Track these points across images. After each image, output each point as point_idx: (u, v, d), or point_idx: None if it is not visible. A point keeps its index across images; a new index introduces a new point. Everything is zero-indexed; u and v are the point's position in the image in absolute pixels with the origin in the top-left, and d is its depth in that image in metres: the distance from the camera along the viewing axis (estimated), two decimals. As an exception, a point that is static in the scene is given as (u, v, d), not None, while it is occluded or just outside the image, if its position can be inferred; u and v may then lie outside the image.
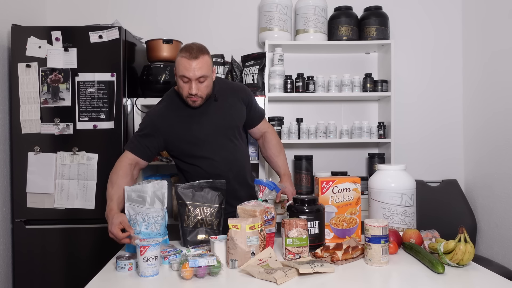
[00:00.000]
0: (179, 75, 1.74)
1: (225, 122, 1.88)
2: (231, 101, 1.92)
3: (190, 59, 1.69)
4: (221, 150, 1.86)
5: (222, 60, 2.78)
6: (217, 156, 1.85)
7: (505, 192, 2.57)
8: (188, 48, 1.72)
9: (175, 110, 1.85)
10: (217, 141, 1.86)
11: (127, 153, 1.82)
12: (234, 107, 1.92)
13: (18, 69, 2.36)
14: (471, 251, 1.37)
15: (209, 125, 1.85)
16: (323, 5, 2.83)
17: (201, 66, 1.70)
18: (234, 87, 2.00)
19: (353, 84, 2.84)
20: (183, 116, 1.84)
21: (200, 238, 1.65)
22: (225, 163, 1.85)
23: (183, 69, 1.70)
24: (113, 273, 1.40)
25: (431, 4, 3.09)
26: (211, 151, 1.85)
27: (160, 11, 3.04)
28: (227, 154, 1.87)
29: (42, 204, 2.35)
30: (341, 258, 1.45)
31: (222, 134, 1.87)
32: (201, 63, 1.70)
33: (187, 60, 1.69)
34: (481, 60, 2.84)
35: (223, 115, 1.88)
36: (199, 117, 1.84)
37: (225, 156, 1.86)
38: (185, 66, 1.69)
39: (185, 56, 1.70)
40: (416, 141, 3.09)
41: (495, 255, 2.68)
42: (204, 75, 1.72)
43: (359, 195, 1.72)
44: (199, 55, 1.70)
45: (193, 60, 1.69)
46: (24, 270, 2.36)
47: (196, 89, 1.73)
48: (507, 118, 2.54)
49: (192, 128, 1.83)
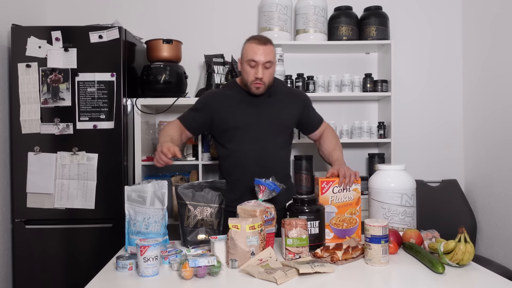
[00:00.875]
0: (246, 60, 1.85)
1: (270, 118, 1.94)
2: (284, 102, 1.99)
3: (259, 44, 1.83)
4: (255, 143, 1.91)
5: (222, 60, 2.78)
6: (248, 147, 1.90)
7: (505, 192, 2.57)
8: (257, 36, 1.89)
9: (228, 95, 1.97)
10: (255, 133, 1.91)
11: (176, 120, 2.00)
12: (286, 108, 1.99)
13: (18, 69, 2.36)
14: (471, 251, 1.37)
15: (254, 117, 1.92)
16: (323, 5, 2.83)
17: (268, 52, 1.83)
18: (291, 90, 2.12)
19: (353, 84, 2.84)
20: (233, 101, 1.95)
21: (200, 238, 1.65)
22: (254, 156, 1.88)
23: (252, 53, 1.83)
24: (113, 273, 1.40)
25: (431, 4, 3.09)
26: (246, 140, 1.91)
27: (160, 11, 3.04)
28: (259, 148, 1.91)
29: (42, 204, 2.35)
30: (341, 258, 1.45)
31: (262, 129, 1.92)
32: (268, 49, 1.84)
33: (256, 45, 1.83)
34: (480, 60, 2.84)
35: (271, 112, 1.95)
36: (247, 106, 1.93)
37: (255, 149, 1.90)
38: (254, 51, 1.82)
39: (254, 42, 1.84)
40: (416, 141, 3.09)
41: (495, 255, 2.68)
42: (271, 61, 1.85)
43: (359, 195, 1.72)
44: (267, 43, 1.85)
45: (262, 45, 1.83)
46: (24, 270, 2.36)
47: (262, 73, 1.83)
48: (507, 118, 2.54)
49: (236, 114, 1.92)
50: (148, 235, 1.57)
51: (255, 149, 1.90)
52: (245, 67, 1.87)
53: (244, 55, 1.88)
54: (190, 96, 2.88)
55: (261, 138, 1.93)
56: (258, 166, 1.89)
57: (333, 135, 2.11)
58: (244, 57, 1.87)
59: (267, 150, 1.93)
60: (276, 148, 1.97)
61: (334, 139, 2.08)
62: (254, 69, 1.85)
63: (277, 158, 1.98)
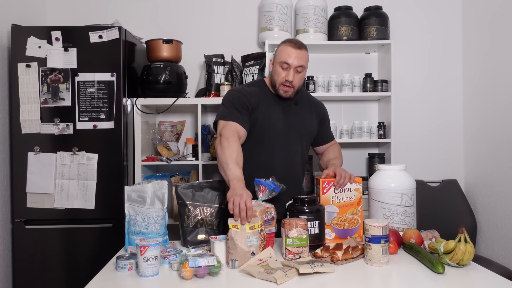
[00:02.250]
0: (279, 61, 1.83)
1: (298, 126, 1.93)
2: (308, 111, 1.99)
3: (294, 48, 1.81)
4: (285, 149, 1.89)
5: (222, 60, 2.78)
6: (278, 153, 1.88)
7: (505, 192, 2.57)
8: (293, 40, 1.87)
9: (264, 93, 1.91)
10: (285, 140, 1.90)
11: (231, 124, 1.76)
12: (309, 117, 1.99)
13: (18, 69, 2.36)
14: (471, 251, 1.37)
15: (284, 123, 1.90)
16: (323, 5, 2.83)
17: (302, 57, 1.82)
18: (314, 100, 2.10)
19: (353, 84, 2.84)
20: (268, 103, 1.90)
21: (200, 238, 1.65)
22: (282, 162, 1.87)
23: (286, 55, 1.81)
24: (113, 273, 1.40)
25: (431, 4, 3.09)
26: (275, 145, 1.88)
27: (160, 11, 3.04)
28: (288, 155, 1.90)
29: (42, 204, 2.35)
30: (341, 258, 1.45)
31: (290, 136, 1.91)
32: (302, 54, 1.83)
33: (291, 48, 1.81)
34: (481, 59, 2.84)
35: (297, 119, 1.94)
36: (280, 110, 1.91)
37: (284, 156, 1.89)
38: (288, 53, 1.81)
39: (289, 45, 1.83)
40: (416, 141, 3.09)
41: (495, 255, 2.68)
42: (303, 65, 1.84)
43: (361, 195, 1.72)
44: (302, 47, 1.84)
45: (297, 49, 1.82)
46: (24, 270, 2.36)
47: (293, 77, 1.82)
48: (507, 118, 2.54)
49: (271, 118, 1.88)
50: (148, 235, 1.57)
51: (283, 155, 1.89)
52: (277, 68, 1.85)
53: (277, 57, 1.86)
54: (190, 96, 2.88)
55: (289, 146, 1.90)
56: (286, 172, 1.86)
57: (338, 150, 2.09)
58: (277, 59, 1.85)
59: (293, 159, 1.92)
60: (299, 156, 1.96)
61: (338, 153, 2.07)
62: (285, 71, 1.83)
63: (300, 166, 1.98)
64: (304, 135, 1.96)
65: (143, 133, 2.63)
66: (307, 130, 1.98)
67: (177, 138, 2.89)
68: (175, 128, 2.88)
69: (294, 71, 1.82)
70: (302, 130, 1.95)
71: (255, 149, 1.87)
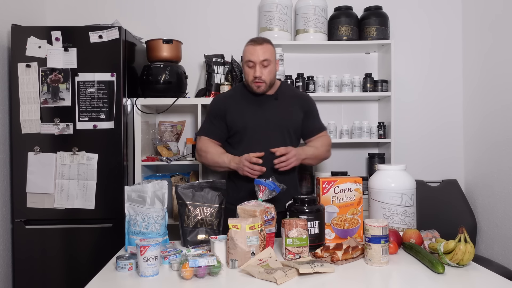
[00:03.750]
0: (245, 61, 1.93)
1: (277, 119, 1.98)
2: (290, 104, 2.03)
3: (255, 45, 1.91)
4: (264, 143, 1.93)
5: (222, 60, 2.78)
6: (258, 147, 1.91)
7: (505, 192, 2.57)
8: (253, 38, 1.96)
9: (237, 97, 2.03)
10: (263, 134, 1.95)
11: (203, 138, 2.02)
12: (291, 110, 2.03)
13: (18, 69, 2.35)
14: (471, 251, 1.37)
15: (261, 117, 1.97)
16: (323, 5, 2.83)
17: (264, 51, 1.90)
18: (297, 93, 2.15)
19: (353, 84, 2.84)
20: (242, 103, 2.00)
21: (200, 238, 1.65)
22: (266, 157, 1.87)
23: (249, 54, 1.91)
24: (113, 273, 1.40)
25: (431, 4, 3.09)
26: (255, 141, 1.95)
27: (160, 11, 3.04)
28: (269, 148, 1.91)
29: (42, 204, 2.35)
30: (341, 258, 1.45)
31: (270, 129, 1.97)
32: (264, 48, 1.90)
33: (252, 46, 1.91)
34: (481, 60, 2.84)
35: (277, 113, 1.99)
36: (256, 108, 1.99)
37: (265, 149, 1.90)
38: (250, 51, 1.90)
39: (250, 44, 1.93)
40: (416, 141, 3.09)
41: (495, 255, 2.68)
42: (267, 59, 1.90)
43: (361, 195, 1.71)
44: (263, 43, 1.92)
45: (258, 45, 1.90)
46: (24, 270, 2.36)
47: (260, 72, 1.89)
48: (507, 118, 2.54)
49: (245, 115, 1.97)
50: (148, 235, 1.57)
51: (264, 149, 1.91)
52: (245, 69, 1.95)
53: (243, 58, 1.96)
54: (190, 96, 2.88)
55: (270, 138, 1.95)
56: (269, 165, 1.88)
57: (322, 141, 2.08)
58: (244, 60, 1.95)
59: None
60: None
61: (319, 143, 2.06)
62: (252, 69, 1.92)
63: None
64: (285, 128, 2.00)
65: (143, 133, 2.63)
66: (289, 123, 2.01)
67: (177, 138, 2.89)
68: (175, 128, 2.88)
69: (260, 67, 1.89)
70: (282, 122, 1.99)
71: (237, 147, 1.97)
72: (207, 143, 1.99)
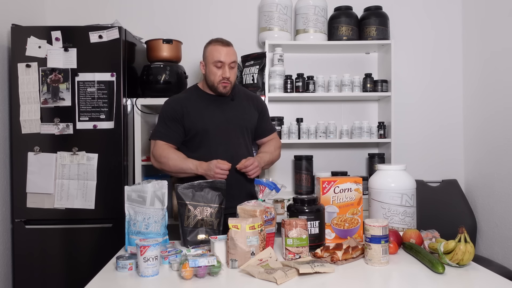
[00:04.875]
0: (213, 61, 1.91)
1: (236, 120, 1.99)
2: (246, 105, 2.06)
3: (223, 46, 1.92)
4: (226, 144, 1.94)
5: (222, 60, 2.78)
6: (220, 148, 1.92)
7: (505, 192, 2.57)
8: (219, 39, 1.97)
9: (193, 99, 2.00)
10: (224, 134, 1.95)
11: (159, 143, 1.95)
12: (248, 110, 2.05)
13: (18, 69, 2.35)
14: (471, 251, 1.37)
15: (221, 118, 1.97)
16: (323, 5, 2.83)
17: (232, 53, 1.94)
18: (251, 94, 2.17)
19: (353, 84, 2.84)
20: (199, 105, 1.98)
21: (200, 238, 1.65)
22: (226, 156, 1.89)
23: (218, 54, 1.91)
24: (113, 273, 1.40)
25: (431, 4, 3.09)
26: (216, 142, 1.94)
27: (160, 11, 3.04)
28: (231, 149, 1.94)
29: (42, 204, 2.35)
30: (341, 258, 1.45)
31: (230, 130, 1.97)
32: (232, 50, 1.95)
33: (221, 46, 1.92)
34: (481, 60, 2.84)
35: (235, 113, 2.01)
36: (214, 110, 1.98)
37: (227, 150, 1.93)
38: (219, 52, 1.91)
39: (218, 44, 1.93)
40: (416, 141, 3.09)
41: (495, 255, 2.68)
42: (235, 61, 1.95)
43: (361, 195, 1.71)
44: (230, 44, 1.96)
45: (227, 46, 1.93)
46: (24, 270, 2.36)
47: (229, 73, 1.92)
48: (507, 118, 2.54)
49: (205, 117, 1.96)
50: (148, 235, 1.57)
51: (226, 150, 1.93)
52: (212, 69, 1.93)
53: (209, 57, 1.94)
54: (190, 96, 2.87)
55: (231, 139, 1.96)
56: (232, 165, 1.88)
57: (275, 144, 2.13)
58: (210, 59, 1.93)
59: (238, 152, 1.96)
60: (244, 149, 2.00)
61: (273, 147, 2.10)
62: (221, 70, 1.92)
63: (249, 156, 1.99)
64: (244, 128, 2.02)
65: (143, 133, 2.63)
66: (247, 123, 2.03)
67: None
68: (175, 128, 2.88)
69: (228, 68, 1.92)
70: (241, 123, 2.00)
71: (197, 149, 1.96)
72: (166, 149, 1.93)
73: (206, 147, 1.94)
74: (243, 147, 2.00)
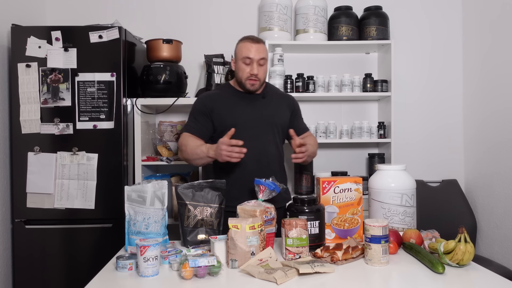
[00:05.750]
0: (241, 58, 1.93)
1: (266, 117, 1.99)
2: (277, 103, 2.06)
3: (253, 43, 1.92)
4: (254, 141, 1.93)
5: (222, 60, 2.78)
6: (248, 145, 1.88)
7: (505, 192, 2.57)
8: (249, 36, 1.98)
9: (224, 95, 2.02)
10: (253, 131, 1.95)
11: (186, 135, 1.96)
12: (279, 108, 2.06)
13: (18, 69, 2.36)
14: (471, 251, 1.37)
15: (251, 115, 1.97)
16: (323, 5, 2.83)
17: (262, 50, 1.93)
18: (283, 93, 2.20)
19: (353, 84, 2.84)
20: (230, 101, 1.99)
21: (200, 238, 1.65)
22: (254, 153, 1.89)
23: (247, 51, 1.91)
24: (113, 273, 1.40)
25: (431, 4, 3.09)
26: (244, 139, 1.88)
27: (160, 11, 3.04)
28: (260, 145, 1.94)
29: (42, 204, 2.35)
30: (341, 258, 1.45)
31: (259, 127, 1.97)
32: (262, 47, 1.94)
33: (250, 43, 1.92)
34: (481, 60, 2.84)
35: (266, 111, 2.00)
36: (244, 106, 1.98)
37: (256, 146, 1.92)
38: (248, 48, 1.91)
39: (248, 41, 1.93)
40: (416, 141, 3.09)
41: (495, 255, 2.68)
42: (264, 58, 1.94)
43: (361, 195, 1.71)
44: (260, 41, 1.94)
45: (256, 43, 1.92)
46: (24, 270, 2.36)
47: (257, 69, 1.91)
48: (507, 118, 2.54)
49: (234, 113, 1.96)
50: (148, 235, 1.57)
51: (254, 146, 1.92)
52: (240, 65, 1.94)
53: (238, 54, 1.96)
54: (190, 96, 2.87)
55: (259, 136, 1.96)
56: (258, 164, 1.91)
57: (313, 140, 2.12)
58: (239, 56, 1.95)
59: (266, 149, 1.97)
60: (273, 147, 2.00)
61: (312, 141, 2.10)
62: (249, 66, 1.92)
63: (275, 157, 2.01)
64: (274, 126, 2.01)
65: (143, 133, 2.63)
66: (278, 121, 2.03)
67: (177, 138, 2.89)
68: (175, 128, 2.88)
69: (257, 64, 1.91)
70: (271, 120, 2.00)
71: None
72: (186, 138, 1.95)
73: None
74: (272, 145, 1.99)
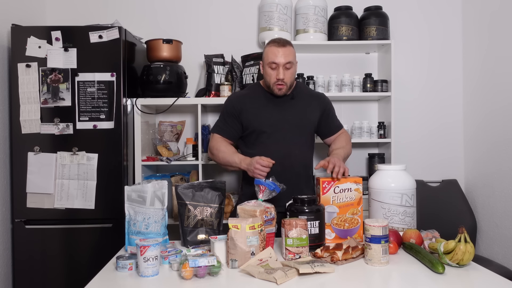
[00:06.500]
0: (267, 63, 1.91)
1: (294, 119, 1.98)
2: (306, 103, 2.03)
3: (278, 47, 1.88)
4: (280, 143, 1.94)
5: (222, 60, 2.78)
6: (273, 147, 1.92)
7: (505, 192, 2.57)
8: (276, 39, 1.94)
9: (253, 97, 2.02)
10: (279, 134, 1.95)
11: (216, 136, 2.00)
12: (308, 109, 2.03)
13: (18, 69, 2.35)
14: (471, 251, 1.37)
15: (278, 117, 1.96)
16: (323, 5, 2.83)
17: (288, 54, 1.89)
18: (313, 93, 2.16)
19: (353, 84, 2.84)
20: (258, 103, 1.99)
21: (200, 238, 1.65)
22: (278, 156, 1.86)
23: (272, 55, 1.88)
24: (113, 273, 1.40)
25: (431, 4, 3.08)
26: (271, 141, 1.94)
27: (160, 11, 3.04)
28: (284, 148, 1.93)
29: (42, 204, 2.35)
30: (341, 258, 1.45)
31: (286, 129, 1.96)
32: (288, 50, 1.89)
33: (276, 47, 1.89)
34: (480, 60, 2.84)
35: (294, 112, 1.99)
36: (272, 108, 1.98)
37: (280, 149, 1.92)
38: (274, 53, 1.88)
39: (274, 45, 1.90)
40: (416, 141, 3.09)
41: (495, 255, 2.68)
42: (291, 62, 1.89)
43: (361, 195, 1.71)
44: (286, 44, 1.90)
45: (281, 47, 1.88)
46: (24, 270, 2.36)
47: (283, 74, 1.88)
48: (507, 118, 2.54)
49: (262, 116, 1.96)
50: (148, 235, 1.57)
51: (280, 149, 1.92)
52: (267, 70, 1.92)
53: (265, 59, 1.93)
54: (190, 96, 2.88)
55: (286, 139, 1.95)
56: (282, 166, 1.88)
57: (345, 138, 2.10)
58: (265, 60, 1.93)
59: (292, 151, 1.95)
60: (300, 149, 1.99)
61: (344, 142, 2.07)
62: (275, 71, 1.90)
63: (301, 159, 1.99)
64: (302, 127, 2.00)
65: (143, 133, 2.63)
66: (306, 122, 2.01)
67: (177, 138, 2.89)
68: (175, 128, 2.88)
69: (283, 69, 1.88)
70: (299, 122, 1.99)
71: (253, 146, 1.97)
72: (219, 142, 1.98)
73: (261, 145, 1.95)
74: (298, 147, 1.98)
